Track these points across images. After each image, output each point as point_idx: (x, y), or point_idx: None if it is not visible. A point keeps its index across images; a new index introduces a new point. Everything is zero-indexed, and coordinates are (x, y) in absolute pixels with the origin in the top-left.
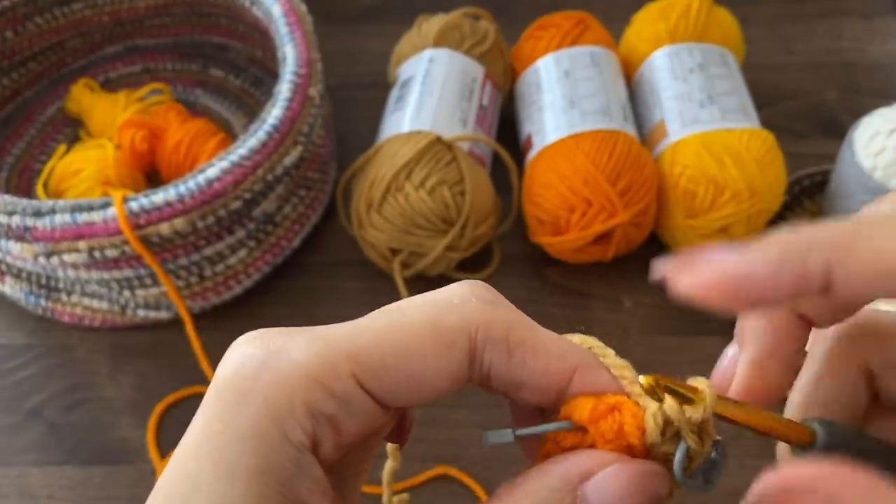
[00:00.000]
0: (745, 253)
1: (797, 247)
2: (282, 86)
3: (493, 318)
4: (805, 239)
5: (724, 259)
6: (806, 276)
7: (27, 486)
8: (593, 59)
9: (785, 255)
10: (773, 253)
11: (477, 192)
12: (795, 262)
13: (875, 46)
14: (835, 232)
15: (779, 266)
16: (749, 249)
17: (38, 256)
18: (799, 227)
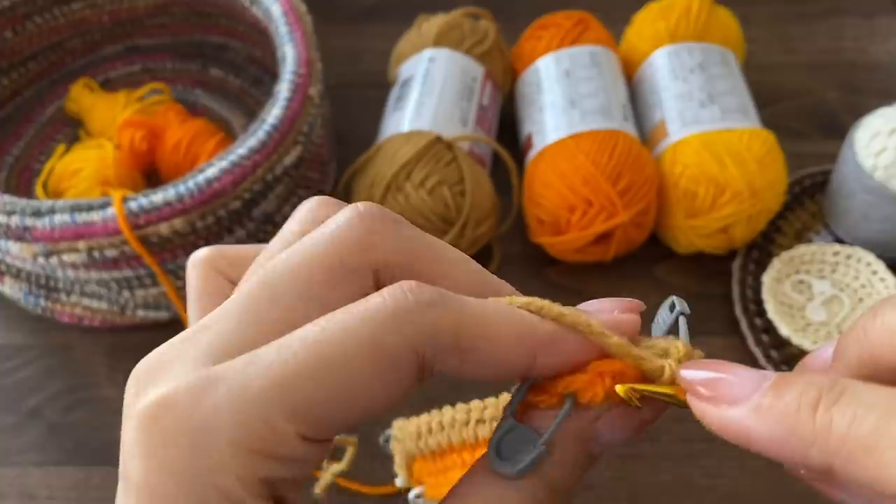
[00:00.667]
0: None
1: (802, 430)
2: (281, 85)
3: (438, 324)
4: (812, 430)
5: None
6: (806, 465)
7: (27, 486)
8: (593, 58)
9: (789, 431)
10: (778, 423)
11: (477, 192)
12: (797, 448)
13: (876, 46)
14: (846, 432)
15: (782, 442)
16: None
17: (37, 256)
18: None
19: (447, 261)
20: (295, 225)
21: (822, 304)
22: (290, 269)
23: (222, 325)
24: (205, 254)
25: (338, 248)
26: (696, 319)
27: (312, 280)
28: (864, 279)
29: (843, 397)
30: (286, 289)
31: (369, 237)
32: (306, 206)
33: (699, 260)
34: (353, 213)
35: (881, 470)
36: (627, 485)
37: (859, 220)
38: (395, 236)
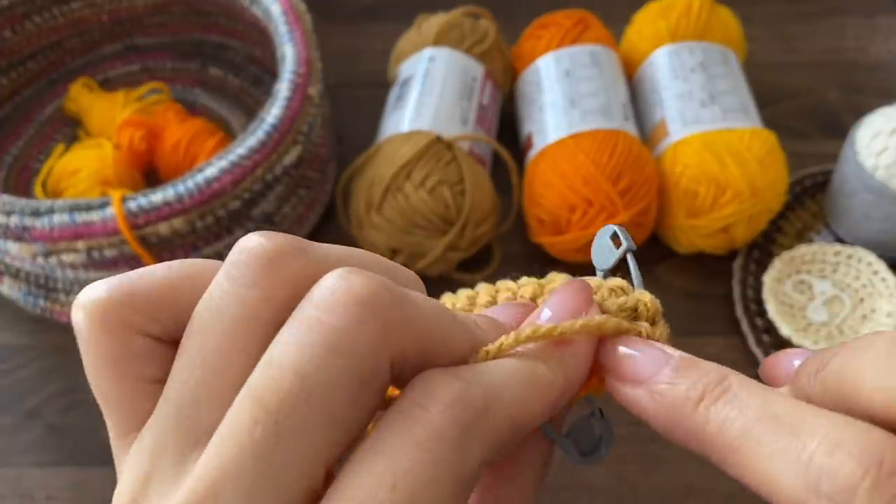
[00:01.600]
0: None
1: (685, 423)
2: (281, 85)
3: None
4: (691, 424)
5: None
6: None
7: (26, 486)
8: (594, 58)
9: (675, 422)
10: (667, 412)
11: (477, 192)
12: (682, 438)
13: (877, 45)
14: (717, 432)
15: (671, 430)
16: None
17: (36, 256)
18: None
19: (447, 329)
20: (254, 291)
21: (823, 305)
22: (311, 395)
23: (241, 491)
24: (102, 306)
25: (362, 358)
26: (697, 319)
27: (339, 403)
28: (865, 279)
29: (723, 397)
30: (311, 421)
31: (384, 332)
32: (260, 262)
33: (700, 260)
34: (364, 304)
35: (744, 469)
36: (627, 486)
37: (860, 219)
38: (407, 320)
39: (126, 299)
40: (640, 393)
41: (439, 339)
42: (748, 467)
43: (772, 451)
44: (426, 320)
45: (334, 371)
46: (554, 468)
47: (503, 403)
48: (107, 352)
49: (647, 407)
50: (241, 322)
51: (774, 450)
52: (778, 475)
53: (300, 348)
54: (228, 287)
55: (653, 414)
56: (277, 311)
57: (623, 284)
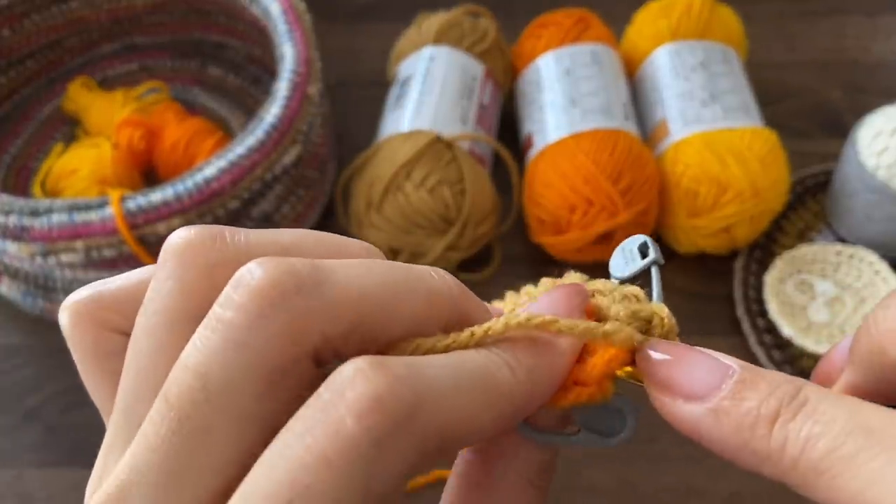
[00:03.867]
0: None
1: (757, 445)
2: (280, 84)
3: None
4: (766, 447)
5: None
6: (761, 475)
7: (25, 487)
8: (594, 57)
9: (744, 444)
10: (734, 433)
11: (477, 192)
12: (751, 461)
13: (879, 45)
14: (798, 454)
15: (736, 452)
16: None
17: (34, 256)
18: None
19: (392, 299)
20: (169, 283)
21: (824, 305)
22: (208, 395)
23: (147, 488)
24: (80, 306)
25: (265, 353)
26: (698, 320)
27: (243, 403)
28: (866, 279)
29: (802, 412)
30: (212, 421)
31: (293, 323)
32: (175, 253)
33: (701, 260)
34: (258, 295)
35: (837, 493)
36: (630, 486)
37: (862, 219)
38: (323, 303)
39: (97, 299)
40: (697, 410)
41: (379, 314)
42: (842, 490)
43: (870, 469)
44: (355, 298)
45: (234, 369)
46: None
47: (437, 410)
48: (85, 348)
49: (708, 427)
50: (161, 318)
51: (873, 468)
52: (881, 496)
53: (202, 347)
54: (153, 284)
55: (713, 435)
56: (196, 304)
57: (638, 293)
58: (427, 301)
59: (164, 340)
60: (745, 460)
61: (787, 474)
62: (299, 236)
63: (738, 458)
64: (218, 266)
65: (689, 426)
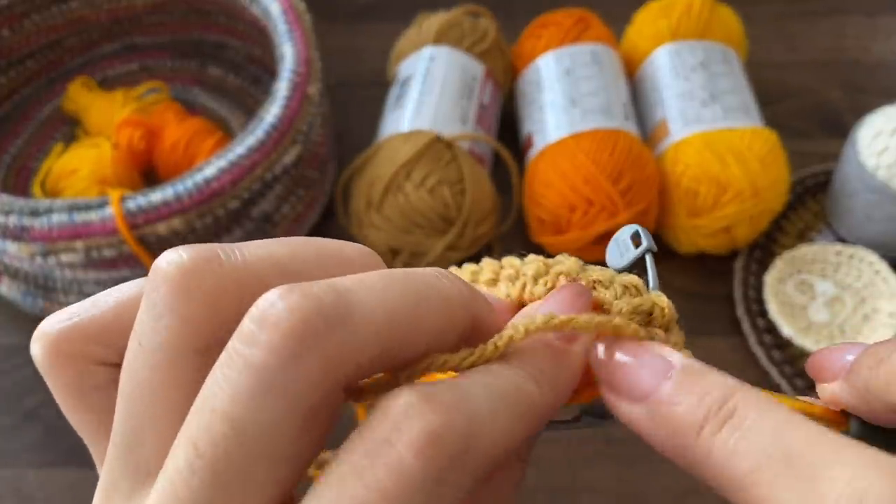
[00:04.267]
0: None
1: (687, 451)
2: (280, 84)
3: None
4: (694, 453)
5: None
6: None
7: (24, 487)
8: (594, 57)
9: (678, 449)
10: (668, 436)
11: (477, 192)
12: (685, 465)
13: (878, 45)
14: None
15: (673, 455)
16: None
17: (34, 256)
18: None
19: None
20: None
21: (824, 305)
22: (247, 439)
23: None
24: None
25: (301, 394)
26: (698, 320)
27: (280, 443)
28: (866, 279)
29: (728, 424)
30: (250, 466)
31: (331, 358)
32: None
33: (701, 260)
34: (294, 336)
35: None
36: (630, 486)
37: (862, 219)
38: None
39: (78, 331)
40: (638, 411)
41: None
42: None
43: (786, 498)
44: (382, 322)
45: (270, 413)
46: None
47: (488, 437)
48: (66, 385)
49: (647, 429)
50: (164, 353)
51: (788, 498)
52: None
53: (230, 390)
54: (145, 318)
55: (653, 437)
56: (202, 336)
57: (638, 283)
58: (445, 311)
59: (168, 376)
60: (678, 462)
61: (714, 483)
62: (296, 248)
63: (675, 460)
64: (218, 293)
65: (633, 426)
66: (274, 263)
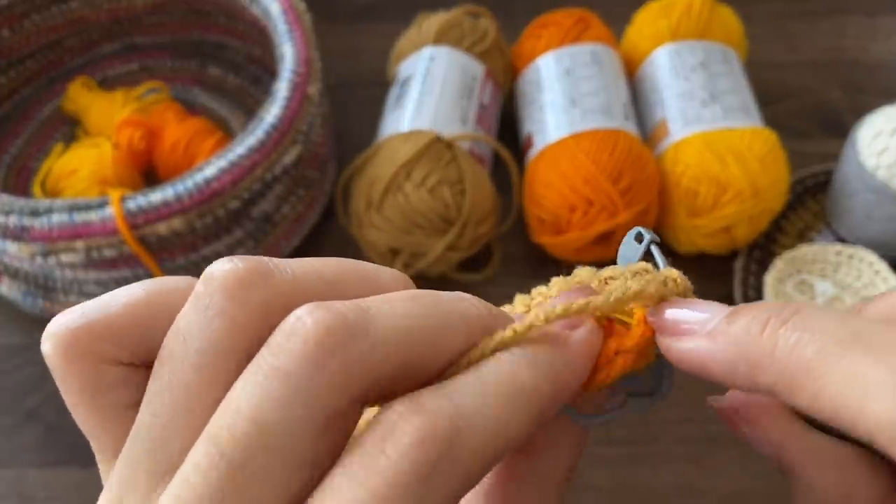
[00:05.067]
0: (709, 337)
1: (750, 352)
2: (280, 84)
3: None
4: (758, 351)
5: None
6: (754, 388)
7: (26, 487)
8: (594, 57)
9: (739, 355)
10: (729, 347)
11: (477, 192)
12: (747, 372)
13: (878, 45)
14: (789, 354)
15: (733, 367)
16: (714, 331)
17: (35, 256)
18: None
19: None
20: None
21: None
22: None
23: None
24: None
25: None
26: None
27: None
28: (866, 279)
29: (792, 320)
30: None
31: (346, 371)
32: (226, 290)
33: (701, 260)
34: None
35: (819, 394)
36: (629, 486)
37: (862, 219)
38: (373, 349)
39: (92, 329)
40: (698, 341)
41: (423, 351)
42: (824, 391)
43: (855, 370)
44: (402, 339)
45: (291, 417)
46: None
47: (477, 430)
48: (78, 383)
49: (706, 352)
50: (208, 355)
51: (858, 369)
52: (862, 398)
53: (257, 394)
54: (195, 318)
55: (712, 358)
56: (247, 342)
57: (647, 266)
58: (466, 333)
59: (206, 377)
60: (741, 375)
61: (777, 379)
62: (342, 270)
63: (735, 374)
64: (268, 304)
65: (694, 358)
66: (320, 281)
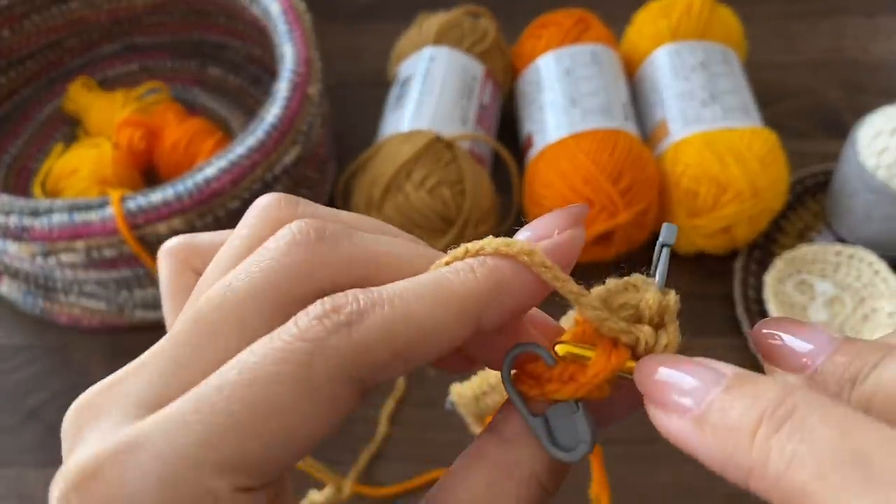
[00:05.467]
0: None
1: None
2: (280, 84)
3: (367, 343)
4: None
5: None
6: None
7: (26, 487)
8: (594, 57)
9: (728, 457)
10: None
11: (477, 192)
12: (737, 475)
13: (878, 45)
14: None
15: (722, 466)
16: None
17: (35, 256)
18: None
19: (396, 263)
20: (244, 230)
21: (824, 305)
22: (225, 302)
23: (154, 367)
24: (174, 246)
25: (274, 279)
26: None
27: (249, 314)
28: (866, 279)
29: (787, 425)
30: (222, 325)
31: (308, 262)
32: (257, 209)
33: (700, 260)
34: (289, 237)
35: None
36: (628, 486)
37: (861, 219)
38: (337, 254)
39: (190, 245)
40: (685, 424)
41: (379, 271)
42: None
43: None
44: (364, 256)
45: (253, 286)
46: None
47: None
48: (171, 281)
49: (694, 440)
50: (231, 256)
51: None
52: None
53: (239, 269)
54: (237, 230)
55: (702, 449)
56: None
57: (637, 280)
58: (425, 266)
59: (222, 273)
60: (731, 475)
61: (770, 491)
62: (358, 218)
63: (725, 472)
64: (283, 221)
65: (680, 441)
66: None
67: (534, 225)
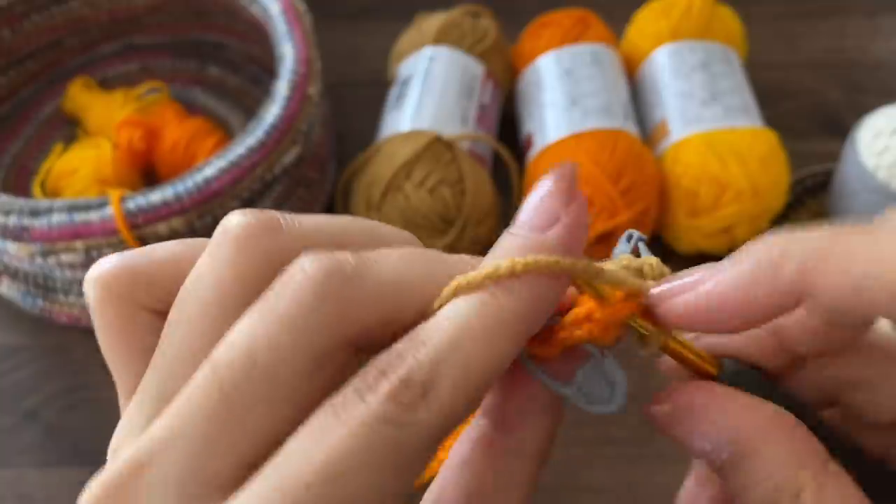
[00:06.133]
0: (717, 272)
1: (769, 256)
2: (280, 84)
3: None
4: (779, 247)
5: (695, 284)
6: (779, 289)
7: (25, 487)
8: (594, 57)
9: (757, 267)
10: (745, 268)
11: (477, 192)
12: (767, 273)
13: (879, 45)
14: (812, 238)
15: (751, 284)
16: (722, 267)
17: (34, 256)
18: (777, 235)
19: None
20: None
21: None
22: (259, 367)
23: (186, 449)
24: (110, 277)
25: (305, 343)
26: None
27: (281, 382)
28: None
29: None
30: (252, 398)
31: (338, 314)
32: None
33: (700, 260)
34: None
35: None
36: (627, 486)
37: (861, 219)
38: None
39: (128, 276)
40: (709, 285)
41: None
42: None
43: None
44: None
45: (284, 349)
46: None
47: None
48: (110, 322)
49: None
50: (216, 300)
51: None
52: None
53: (254, 329)
54: (207, 266)
55: (726, 283)
56: (253, 288)
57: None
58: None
59: (215, 320)
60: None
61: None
62: (346, 225)
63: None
64: (274, 254)
65: (690, 314)
66: (325, 234)
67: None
